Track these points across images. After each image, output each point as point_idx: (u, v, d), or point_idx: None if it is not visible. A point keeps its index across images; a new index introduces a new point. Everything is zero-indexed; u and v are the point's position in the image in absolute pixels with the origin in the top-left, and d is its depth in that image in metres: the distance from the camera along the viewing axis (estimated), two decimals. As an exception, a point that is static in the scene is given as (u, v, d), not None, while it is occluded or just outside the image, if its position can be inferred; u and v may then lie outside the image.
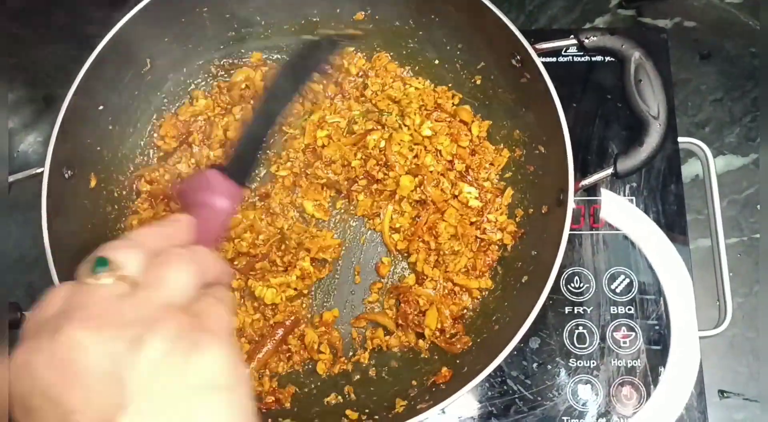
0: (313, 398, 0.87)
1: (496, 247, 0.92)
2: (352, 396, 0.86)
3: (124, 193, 0.93)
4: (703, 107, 1.07)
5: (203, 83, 1.00)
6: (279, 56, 1.02)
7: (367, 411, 0.84)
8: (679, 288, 0.93)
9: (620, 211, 0.96)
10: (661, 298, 0.93)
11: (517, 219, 0.92)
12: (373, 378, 0.88)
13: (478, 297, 0.90)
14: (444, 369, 0.84)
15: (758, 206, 1.01)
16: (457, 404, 0.89)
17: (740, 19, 1.11)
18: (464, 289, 0.90)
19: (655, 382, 0.89)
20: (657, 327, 0.92)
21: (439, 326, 0.88)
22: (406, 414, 0.79)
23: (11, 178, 0.83)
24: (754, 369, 0.94)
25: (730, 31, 1.11)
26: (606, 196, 0.97)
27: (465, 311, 0.90)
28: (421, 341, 0.88)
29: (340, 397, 0.86)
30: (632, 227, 0.96)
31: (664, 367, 0.90)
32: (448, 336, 0.87)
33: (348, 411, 0.84)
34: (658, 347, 0.91)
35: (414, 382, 0.85)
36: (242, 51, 1.00)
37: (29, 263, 1.01)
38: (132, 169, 0.95)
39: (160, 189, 0.94)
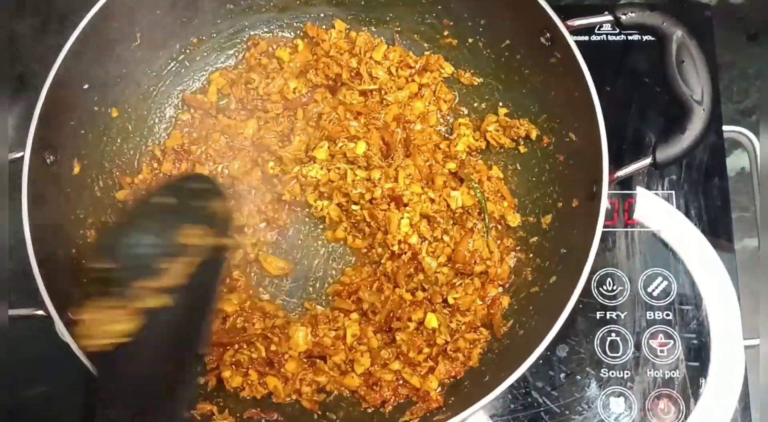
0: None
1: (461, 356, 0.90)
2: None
3: (110, 182, 0.95)
4: (749, 93, 1.08)
5: (198, 61, 1.02)
6: (282, 33, 1.03)
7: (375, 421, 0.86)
8: (721, 294, 0.94)
9: (656, 210, 0.98)
10: (702, 302, 0.94)
11: (545, 226, 0.93)
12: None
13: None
14: (433, 393, 0.86)
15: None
16: (475, 418, 0.91)
17: (792, -6, 1.13)
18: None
19: (696, 395, 0.90)
20: (698, 335, 0.93)
21: None
22: (420, 426, 0.81)
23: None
24: (803, 382, 0.95)
25: (781, 9, 1.12)
26: (641, 194, 0.98)
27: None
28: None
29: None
30: (669, 229, 0.97)
31: (706, 379, 0.91)
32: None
33: None
34: (699, 357, 0.92)
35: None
36: (245, 24, 1.02)
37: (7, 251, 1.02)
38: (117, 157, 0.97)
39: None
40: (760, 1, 1.13)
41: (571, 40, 0.85)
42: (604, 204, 0.81)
